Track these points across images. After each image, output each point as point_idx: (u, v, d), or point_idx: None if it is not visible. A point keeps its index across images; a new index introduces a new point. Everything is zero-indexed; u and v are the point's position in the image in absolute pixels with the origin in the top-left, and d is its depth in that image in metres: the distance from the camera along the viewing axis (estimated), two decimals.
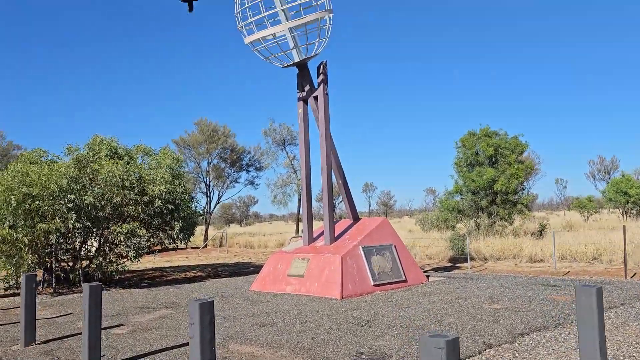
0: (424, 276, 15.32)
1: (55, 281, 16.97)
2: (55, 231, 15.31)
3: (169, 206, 17.75)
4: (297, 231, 43.45)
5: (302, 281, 13.58)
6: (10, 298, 15.15)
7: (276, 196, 44.07)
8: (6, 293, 16.19)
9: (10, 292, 16.03)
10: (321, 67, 14.87)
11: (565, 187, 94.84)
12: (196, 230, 40.14)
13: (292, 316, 10.38)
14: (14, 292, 15.99)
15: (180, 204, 18.86)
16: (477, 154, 27.30)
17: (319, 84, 14.85)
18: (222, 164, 46.85)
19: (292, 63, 14.90)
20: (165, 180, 17.59)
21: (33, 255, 15.72)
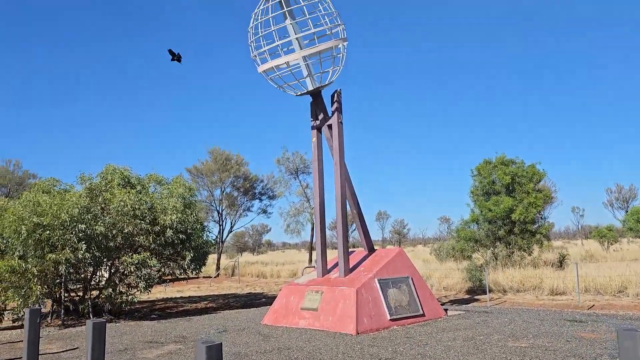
0: (442, 310, 14.75)
1: (64, 312, 16.64)
2: (65, 261, 15.07)
3: (181, 236, 17.48)
4: (310, 260, 42.89)
5: (315, 315, 13.10)
6: (18, 330, 14.85)
7: (289, 225, 43.77)
8: (14, 325, 15.90)
9: (19, 324, 15.74)
10: (335, 95, 14.69)
11: (582, 215, 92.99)
12: (208, 260, 39.84)
13: (306, 353, 9.90)
14: (22, 324, 15.68)
15: (192, 233, 18.58)
16: (493, 182, 26.80)
17: (333, 112, 14.64)
18: (235, 193, 46.74)
19: (306, 91, 14.74)
20: (177, 210, 17.36)
21: (42, 286, 15.46)
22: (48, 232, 15.09)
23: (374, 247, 15.68)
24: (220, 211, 46.35)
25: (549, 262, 26.49)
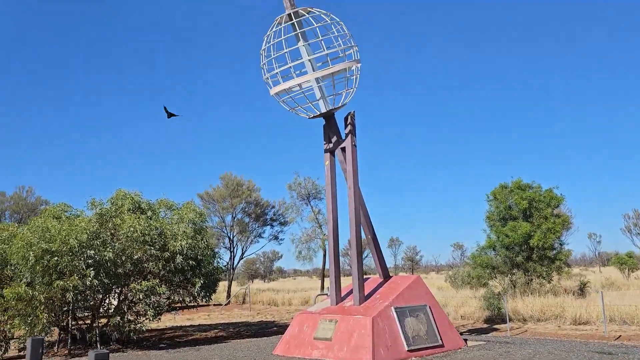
0: (462, 340, 14.12)
1: (71, 341, 16.23)
2: (72, 288, 14.73)
3: (191, 262, 17.09)
4: (322, 287, 42.14)
5: (329, 345, 12.56)
6: None
7: (301, 252, 43.07)
8: (20, 354, 15.51)
9: (25, 354, 15.32)
10: (349, 117, 14.40)
11: (600, 242, 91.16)
12: (218, 287, 39.25)
13: None
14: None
15: (203, 259, 18.18)
16: (510, 207, 26.17)
17: (347, 135, 14.33)
18: (247, 219, 46.38)
19: (319, 114, 14.48)
20: (187, 235, 17.03)
21: (49, 314, 15.11)
22: (56, 258, 14.80)
23: (390, 274, 15.16)
24: (232, 237, 45.95)
25: (569, 290, 25.63)
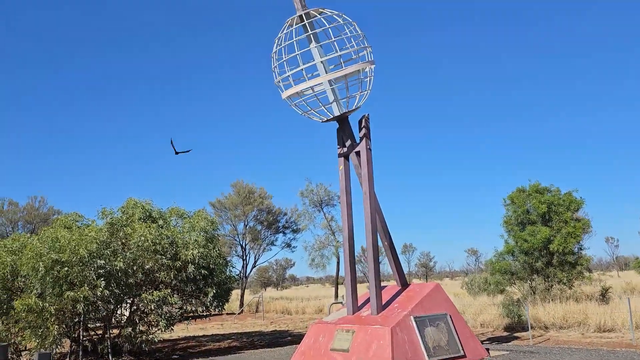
0: (484, 349, 13.59)
1: (83, 353, 15.93)
2: (83, 299, 14.44)
3: (203, 271, 16.75)
4: (336, 295, 41.59)
5: (347, 357, 12.10)
6: None
7: (314, 259, 42.60)
8: None
9: None
10: (363, 120, 13.99)
11: (617, 246, 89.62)
12: (231, 296, 38.90)
13: None
14: None
15: (215, 268, 17.83)
16: (528, 211, 25.52)
17: (362, 138, 13.92)
18: (259, 226, 46.06)
19: (332, 117, 14.10)
20: (199, 244, 16.70)
21: (60, 325, 14.83)
22: (66, 268, 14.53)
23: (408, 282, 14.69)
24: (244, 245, 45.65)
25: (590, 296, 24.88)
